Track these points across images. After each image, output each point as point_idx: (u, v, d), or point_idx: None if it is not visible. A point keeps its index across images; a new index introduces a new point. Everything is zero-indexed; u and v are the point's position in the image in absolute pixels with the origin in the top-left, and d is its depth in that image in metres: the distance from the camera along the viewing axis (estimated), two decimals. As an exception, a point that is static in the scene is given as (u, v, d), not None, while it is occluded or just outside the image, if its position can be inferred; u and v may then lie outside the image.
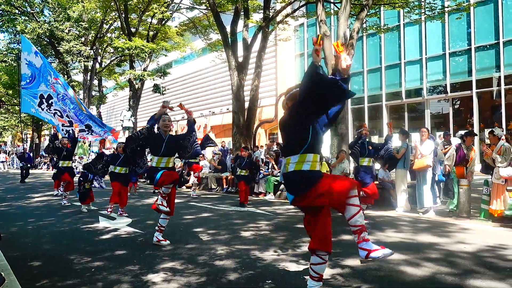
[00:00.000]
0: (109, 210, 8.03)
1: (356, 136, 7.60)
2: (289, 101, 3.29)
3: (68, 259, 4.79)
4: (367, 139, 7.35)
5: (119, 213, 8.04)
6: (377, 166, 9.18)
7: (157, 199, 5.25)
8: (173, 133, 5.66)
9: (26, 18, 25.57)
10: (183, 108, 5.74)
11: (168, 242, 5.36)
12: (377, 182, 8.36)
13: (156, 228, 5.49)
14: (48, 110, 9.35)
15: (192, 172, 12.77)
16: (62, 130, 9.82)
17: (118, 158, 8.25)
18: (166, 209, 5.18)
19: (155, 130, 5.40)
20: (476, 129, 16.76)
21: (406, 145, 8.19)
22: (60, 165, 10.20)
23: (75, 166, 23.47)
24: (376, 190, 7.30)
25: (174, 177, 5.28)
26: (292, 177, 3.16)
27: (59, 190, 10.70)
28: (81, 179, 8.82)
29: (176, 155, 5.58)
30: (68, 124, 9.76)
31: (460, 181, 7.42)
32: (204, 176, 14.66)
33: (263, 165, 12.22)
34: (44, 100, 9.35)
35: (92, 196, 8.88)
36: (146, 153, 6.12)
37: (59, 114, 9.52)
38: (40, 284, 3.93)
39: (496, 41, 16.03)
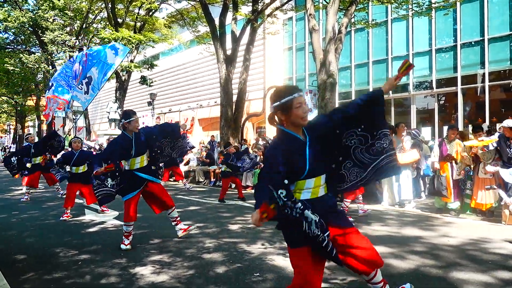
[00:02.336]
0: (65, 216, 7.06)
1: None
2: None
3: (54, 252, 4.75)
4: None
5: (100, 209, 7.48)
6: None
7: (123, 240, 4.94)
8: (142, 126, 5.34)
9: (9, 6, 24.96)
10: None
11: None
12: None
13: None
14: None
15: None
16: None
17: (73, 156, 7.45)
18: (126, 247, 4.89)
19: (122, 131, 5.10)
20: (460, 125, 17.02)
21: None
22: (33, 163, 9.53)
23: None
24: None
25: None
26: None
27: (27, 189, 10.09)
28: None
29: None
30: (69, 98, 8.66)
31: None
32: (191, 170, 14.62)
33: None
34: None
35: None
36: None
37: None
38: (25, 277, 3.88)
39: (481, 38, 16.24)
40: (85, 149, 9.40)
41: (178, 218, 5.36)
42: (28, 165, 10.86)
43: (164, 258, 4.44)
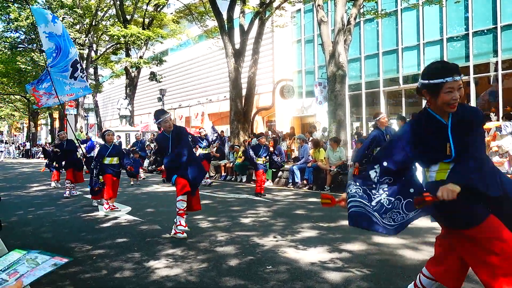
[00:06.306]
0: (106, 207, 7.32)
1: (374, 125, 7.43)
2: None
3: (69, 247, 4.82)
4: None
5: (109, 207, 7.34)
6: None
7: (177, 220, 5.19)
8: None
9: (20, 5, 25.21)
10: None
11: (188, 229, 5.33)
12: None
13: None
14: (82, 75, 7.64)
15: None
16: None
17: (107, 149, 7.52)
18: (185, 228, 5.19)
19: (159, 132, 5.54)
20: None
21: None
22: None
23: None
24: None
25: (187, 189, 5.20)
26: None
27: (66, 185, 10.14)
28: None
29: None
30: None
31: None
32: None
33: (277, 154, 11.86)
34: (78, 65, 7.52)
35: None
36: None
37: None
38: (42, 272, 3.96)
39: (494, 26, 15.94)
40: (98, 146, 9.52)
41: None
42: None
43: (177, 252, 4.49)
